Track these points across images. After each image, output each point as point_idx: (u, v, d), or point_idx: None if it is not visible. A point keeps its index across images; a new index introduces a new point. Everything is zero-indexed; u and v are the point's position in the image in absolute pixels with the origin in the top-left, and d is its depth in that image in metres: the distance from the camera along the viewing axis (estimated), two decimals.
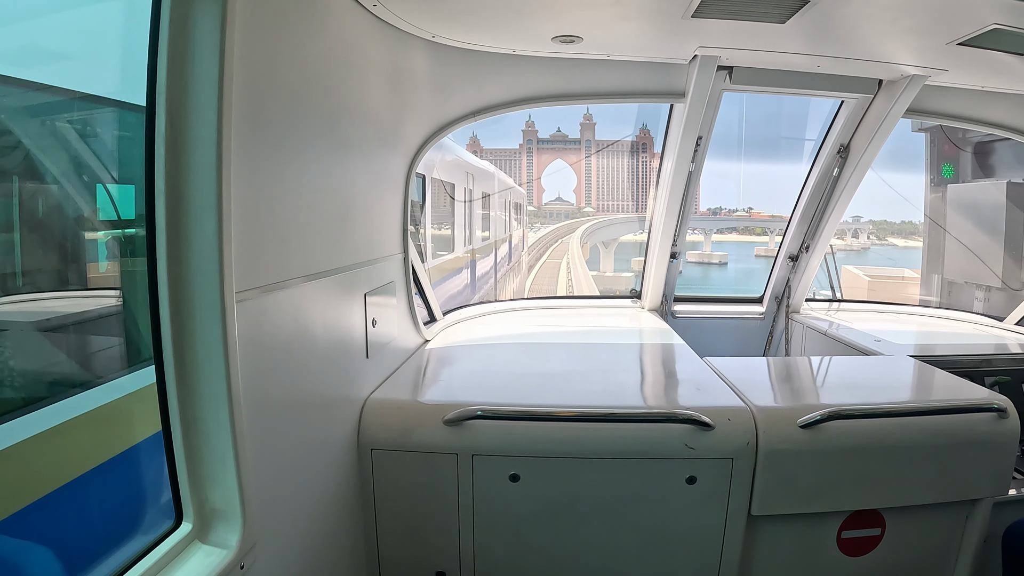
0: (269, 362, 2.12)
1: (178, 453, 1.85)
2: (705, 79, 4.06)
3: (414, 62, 3.55)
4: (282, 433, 2.24)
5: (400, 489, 2.99)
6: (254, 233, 2.00)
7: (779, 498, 2.90)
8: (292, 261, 2.29)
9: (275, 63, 2.11)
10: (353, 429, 2.92)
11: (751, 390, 3.20)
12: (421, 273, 4.41)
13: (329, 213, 2.64)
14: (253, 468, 1.94)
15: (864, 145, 4.66)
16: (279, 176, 2.17)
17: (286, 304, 2.23)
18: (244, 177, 1.89)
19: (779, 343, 5.87)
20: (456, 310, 5.35)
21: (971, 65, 3.83)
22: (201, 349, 1.80)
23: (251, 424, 1.93)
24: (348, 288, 2.86)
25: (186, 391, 1.82)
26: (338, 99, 2.68)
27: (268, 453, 2.10)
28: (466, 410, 2.88)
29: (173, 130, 1.71)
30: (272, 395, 2.15)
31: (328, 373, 2.65)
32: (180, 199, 1.74)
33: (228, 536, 1.89)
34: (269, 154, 2.09)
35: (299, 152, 2.32)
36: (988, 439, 3.01)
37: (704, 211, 72.95)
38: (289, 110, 2.23)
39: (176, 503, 1.88)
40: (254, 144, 1.97)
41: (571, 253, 32.13)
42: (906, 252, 41.95)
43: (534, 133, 71.34)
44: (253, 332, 1.98)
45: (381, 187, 3.38)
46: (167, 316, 1.78)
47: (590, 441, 2.86)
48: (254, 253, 1.99)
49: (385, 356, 3.40)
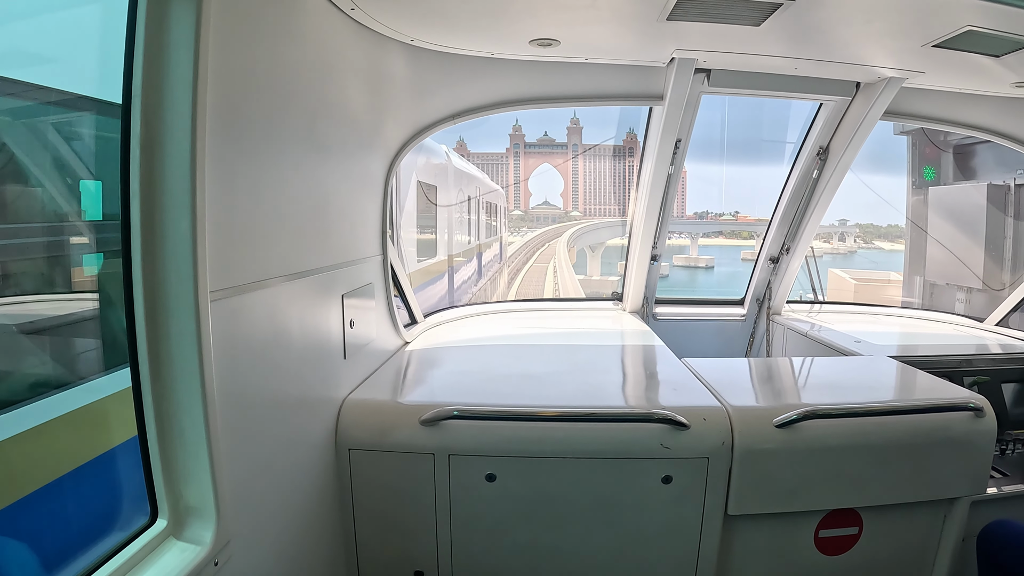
0: (244, 362, 2.13)
1: (153, 450, 1.86)
2: (683, 82, 4.07)
3: (393, 65, 3.55)
4: (258, 432, 2.24)
5: (378, 489, 2.99)
6: (229, 233, 2.00)
7: (755, 497, 2.91)
8: (268, 262, 2.29)
9: (252, 65, 2.11)
10: (331, 429, 2.92)
11: (728, 390, 3.20)
12: (401, 275, 4.40)
13: (306, 214, 2.64)
14: (228, 466, 1.95)
15: (843, 147, 4.68)
16: (255, 177, 2.17)
17: (262, 304, 2.24)
18: (219, 177, 1.90)
19: (760, 345, 5.89)
20: (437, 312, 5.35)
21: (947, 67, 3.85)
22: (176, 348, 1.81)
23: (226, 423, 1.94)
24: (325, 289, 2.85)
25: (161, 389, 1.83)
26: (316, 101, 2.68)
27: (243, 452, 2.11)
28: (442, 410, 2.88)
29: (148, 130, 1.72)
30: (247, 394, 2.16)
31: (305, 373, 2.65)
32: (154, 199, 1.75)
33: (202, 533, 1.89)
34: (245, 155, 2.10)
35: (276, 153, 2.32)
36: (965, 438, 3.03)
37: (691, 215, 73.21)
38: (266, 111, 2.23)
39: (151, 500, 1.89)
40: (229, 145, 1.98)
41: (558, 257, 32.09)
42: (892, 255, 42.18)
43: (521, 137, 71.45)
44: (228, 331, 1.99)
45: (360, 189, 3.38)
46: (142, 315, 1.79)
47: (566, 441, 2.86)
48: (229, 253, 2.00)
49: (363, 357, 3.40)
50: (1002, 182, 7.85)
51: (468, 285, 17.83)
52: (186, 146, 1.72)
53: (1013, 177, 7.69)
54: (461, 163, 17.25)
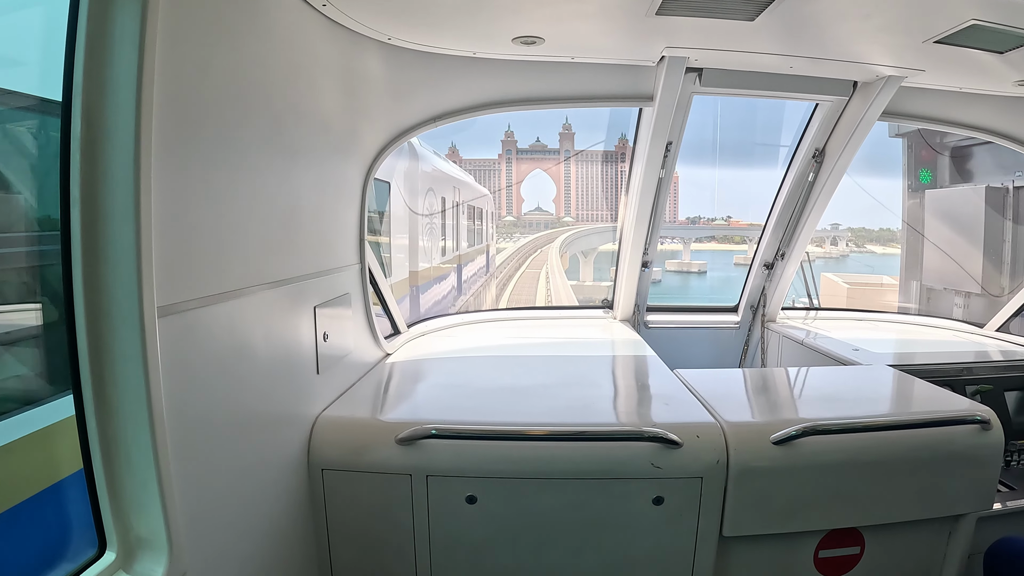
0: (202, 380, 2.01)
1: (99, 478, 1.75)
2: (673, 81, 3.95)
3: (369, 65, 3.42)
4: (219, 455, 2.12)
5: (353, 511, 2.86)
6: (181, 243, 1.89)
7: (752, 518, 2.79)
8: (228, 273, 2.16)
9: (209, 62, 2.00)
10: (303, 449, 2.79)
11: (722, 404, 3.08)
12: (383, 284, 4.27)
13: (273, 222, 2.51)
14: (184, 493, 1.84)
15: (840, 149, 4.56)
16: (212, 182, 2.06)
17: (222, 318, 2.12)
18: (169, 183, 1.79)
19: (755, 353, 5.77)
20: (421, 322, 5.22)
21: (948, 65, 3.74)
22: (120, 367, 1.70)
23: (180, 446, 1.83)
24: (295, 301, 2.72)
25: (105, 412, 1.72)
26: (283, 102, 2.56)
27: (201, 477, 1.99)
28: (419, 428, 2.75)
29: (90, 131, 1.62)
30: (206, 416, 2.03)
31: (272, 391, 2.51)
32: (96, 205, 1.64)
33: (153, 566, 1.78)
34: (200, 158, 1.99)
35: (236, 157, 2.20)
36: (971, 452, 2.92)
37: (683, 220, 73.44)
38: (225, 113, 2.12)
39: (99, 531, 1.78)
40: (181, 147, 1.87)
41: (550, 263, 32.10)
42: (884, 259, 42.41)
43: (513, 143, 71.59)
44: (181, 348, 1.87)
45: (334, 195, 3.26)
46: (83, 331, 1.68)
47: (550, 461, 2.73)
48: (181, 265, 1.89)
49: (339, 371, 3.27)
50: (1000, 184, 7.77)
51: (445, 304, 15.38)
52: (130, 147, 1.62)
53: (1011, 179, 7.61)
54: (434, 161, 14.87)
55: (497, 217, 33.07)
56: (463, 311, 6.24)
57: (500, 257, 30.18)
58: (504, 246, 37.38)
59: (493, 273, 24.84)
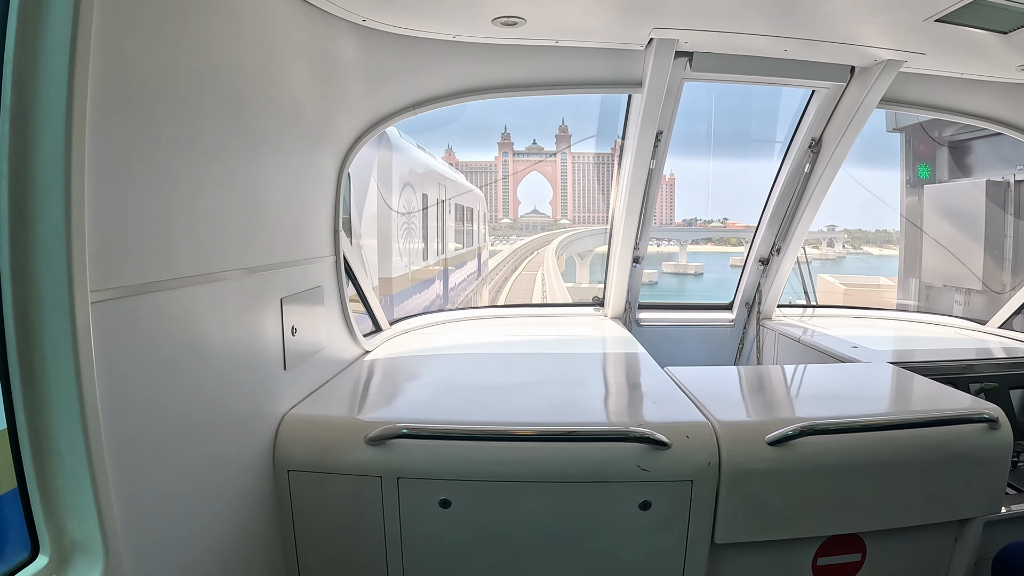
0: (146, 374, 1.87)
1: (29, 476, 1.62)
2: (663, 66, 3.81)
3: (343, 49, 3.28)
4: (168, 455, 1.98)
5: (322, 516, 2.70)
6: (122, 226, 1.76)
7: (746, 524, 2.64)
8: (178, 260, 2.02)
9: (159, 38, 1.88)
10: (267, 449, 2.64)
11: (715, 403, 2.94)
12: (362, 279, 4.12)
13: (233, 208, 2.36)
14: (124, 494, 1.72)
15: (837, 138, 4.44)
16: (162, 164, 1.93)
17: (169, 307, 1.97)
18: (110, 161, 1.67)
19: (750, 351, 5.65)
20: (405, 319, 5.06)
21: (949, 47, 3.62)
22: (51, 357, 1.57)
23: (119, 444, 1.70)
24: (258, 292, 2.57)
25: (35, 406, 1.59)
26: (246, 84, 2.42)
27: (146, 478, 1.86)
28: (390, 428, 2.59)
29: (20, 102, 1.49)
30: (152, 412, 1.89)
31: (232, 387, 2.36)
32: (24, 180, 1.52)
33: (88, 572, 1.65)
34: (149, 139, 1.86)
35: (191, 139, 2.08)
36: (978, 453, 2.79)
37: (679, 222, 73.60)
38: (178, 90, 1.99)
39: (31, 533, 1.66)
40: (127, 125, 1.76)
41: (546, 265, 32.03)
42: (881, 260, 42.46)
43: (509, 145, 71.81)
44: (121, 338, 1.74)
45: (305, 183, 3.11)
46: (11, 318, 1.56)
47: (529, 463, 2.57)
48: (121, 248, 1.75)
49: (309, 368, 3.12)
50: (1001, 178, 7.63)
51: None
52: (61, 119, 1.50)
53: (1013, 173, 7.48)
54: (413, 153, 13.21)
55: (492, 219, 32.73)
56: (448, 308, 6.07)
57: (495, 260, 29.77)
58: (499, 248, 37.23)
59: (486, 278, 23.84)
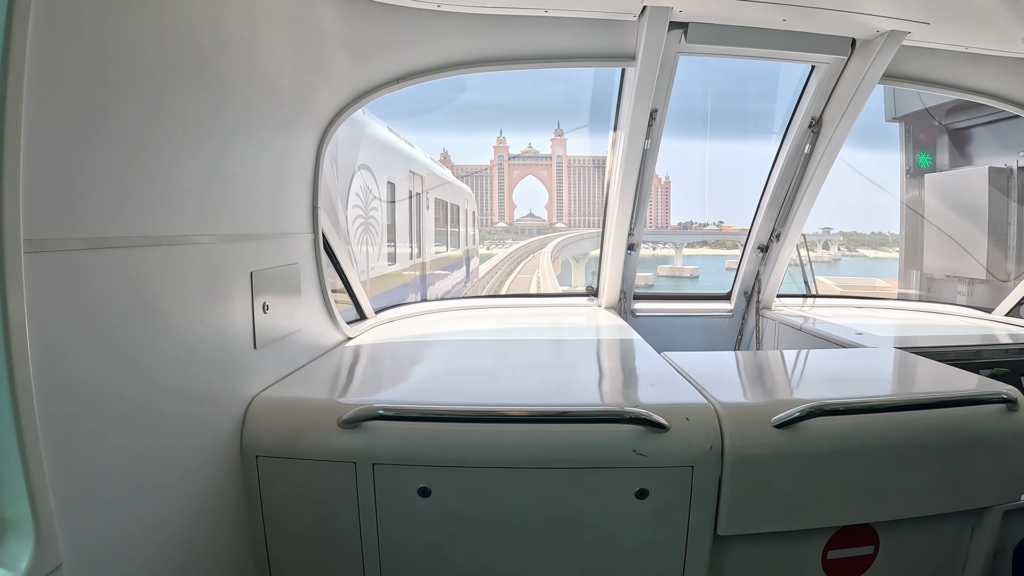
0: (92, 341, 1.72)
1: None
2: (656, 36, 3.67)
3: (323, 17, 3.12)
4: (117, 433, 1.82)
5: (293, 504, 2.53)
6: (67, 172, 1.62)
7: (751, 514, 2.47)
8: (133, 217, 1.87)
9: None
10: (234, 432, 2.47)
11: (715, 385, 2.78)
12: (347, 266, 3.99)
13: (195, 169, 2.20)
14: (63, 471, 1.58)
15: (837, 117, 4.29)
16: (115, 113, 1.78)
17: (121, 268, 1.82)
18: (53, 104, 1.55)
19: (750, 342, 5.51)
20: (391, 308, 4.92)
21: (954, 17, 3.51)
22: None
23: (56, 417, 1.56)
24: (224, 262, 2.41)
25: None
26: (215, 42, 2.28)
27: (90, 456, 1.71)
28: (364, 409, 2.41)
29: None
30: (98, 383, 1.74)
31: (192, 363, 2.19)
32: None
33: (18, 553, 1.50)
34: (97, 84, 1.72)
35: (149, 92, 1.92)
36: (996, 437, 2.63)
37: (675, 225, 73.85)
38: (137, 40, 1.86)
39: None
40: (72, 68, 1.62)
41: (541, 268, 32.07)
42: (876, 263, 42.57)
43: (505, 149, 72.17)
44: (62, 297, 1.60)
45: (279, 153, 2.95)
46: None
47: (516, 447, 2.40)
48: (66, 195, 1.62)
49: (284, 349, 2.95)
50: (1004, 165, 7.50)
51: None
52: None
53: (1016, 159, 7.35)
54: (375, 130, 11.35)
55: (487, 223, 32.14)
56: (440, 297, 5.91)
57: (488, 265, 29.09)
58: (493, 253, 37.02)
59: (476, 287, 22.28)
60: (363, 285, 4.01)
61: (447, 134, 60.19)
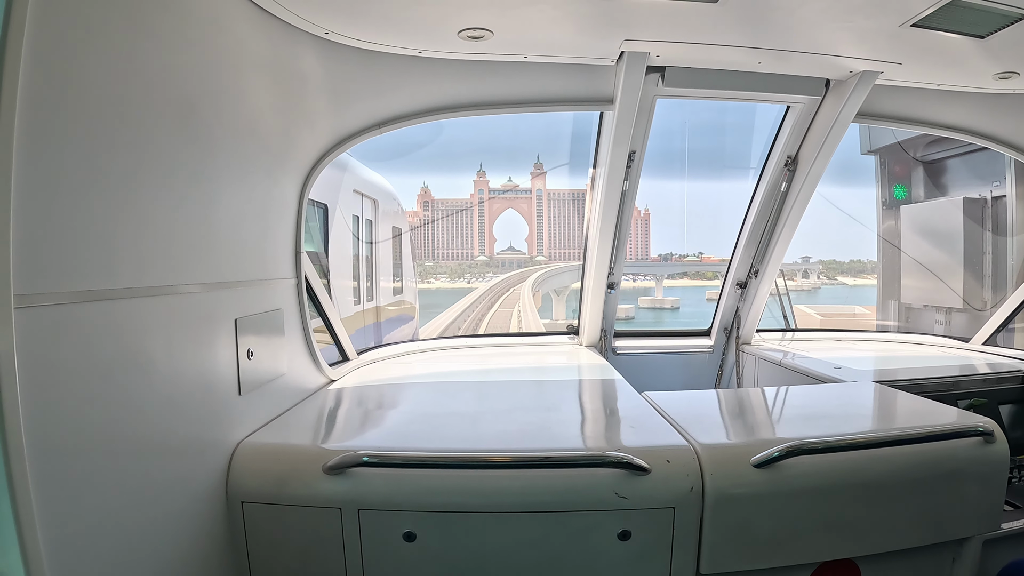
0: (80, 392, 1.73)
1: None
2: (634, 81, 3.72)
3: (304, 63, 3.18)
4: (103, 482, 1.82)
5: (279, 550, 2.54)
6: (56, 229, 1.65)
7: (733, 552, 2.49)
8: (120, 270, 1.91)
9: (100, 32, 1.80)
10: (220, 478, 2.48)
11: (695, 426, 2.80)
12: (328, 308, 3.98)
13: (181, 220, 2.24)
14: (51, 524, 1.57)
15: (813, 155, 4.36)
16: (101, 167, 1.82)
17: (109, 320, 1.85)
18: (44, 159, 1.58)
19: (730, 377, 5.54)
20: (374, 349, 4.93)
21: (926, 55, 3.57)
22: None
23: (46, 468, 1.56)
24: (210, 310, 2.45)
25: None
26: (199, 91, 2.34)
27: (78, 506, 1.71)
28: (349, 455, 2.43)
29: None
30: (86, 433, 1.75)
31: (178, 410, 2.21)
32: None
33: None
34: (86, 137, 1.76)
35: (134, 143, 1.98)
36: (974, 468, 2.70)
37: (655, 257, 74.01)
38: (123, 92, 1.91)
39: None
40: (61, 121, 1.65)
41: (522, 301, 32.01)
42: (855, 290, 42.81)
43: (485, 183, 72.31)
44: (51, 350, 1.62)
45: (262, 199, 2.99)
46: None
47: (499, 492, 2.42)
48: (54, 251, 1.64)
49: (268, 395, 2.96)
50: (978, 195, 7.60)
51: None
52: None
53: (989, 189, 7.46)
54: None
55: (467, 256, 31.05)
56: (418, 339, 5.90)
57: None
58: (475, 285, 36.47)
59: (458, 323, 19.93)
60: None
61: (428, 174, 59.89)
